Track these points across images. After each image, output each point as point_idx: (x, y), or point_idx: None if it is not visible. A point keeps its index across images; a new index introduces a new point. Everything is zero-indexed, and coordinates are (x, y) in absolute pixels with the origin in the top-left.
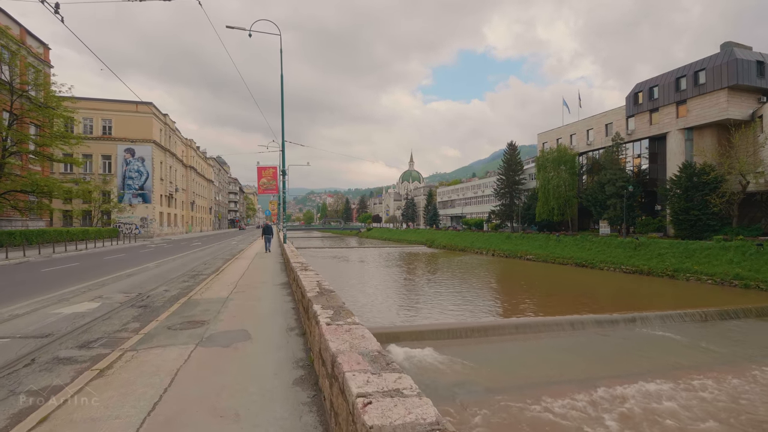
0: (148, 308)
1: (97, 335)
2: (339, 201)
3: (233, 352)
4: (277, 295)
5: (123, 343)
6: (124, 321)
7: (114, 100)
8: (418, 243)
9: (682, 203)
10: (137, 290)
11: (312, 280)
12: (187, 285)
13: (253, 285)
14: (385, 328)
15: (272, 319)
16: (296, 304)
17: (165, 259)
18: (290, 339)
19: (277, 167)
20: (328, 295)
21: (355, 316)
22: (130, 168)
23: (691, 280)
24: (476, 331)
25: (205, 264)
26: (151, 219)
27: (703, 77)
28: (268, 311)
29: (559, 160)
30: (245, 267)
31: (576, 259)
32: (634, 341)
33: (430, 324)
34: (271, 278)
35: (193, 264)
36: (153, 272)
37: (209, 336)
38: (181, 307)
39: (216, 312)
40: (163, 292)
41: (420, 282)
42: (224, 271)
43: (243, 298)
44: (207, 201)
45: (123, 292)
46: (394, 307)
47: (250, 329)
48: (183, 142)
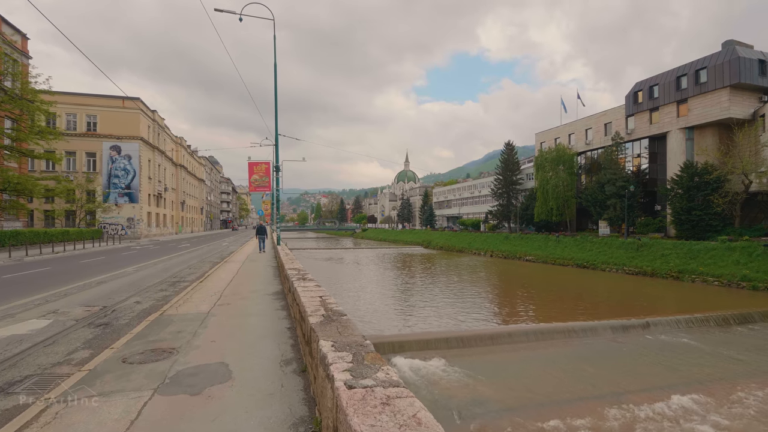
0: (108, 328)
1: (28, 371)
2: (333, 201)
3: (204, 406)
4: (268, 309)
5: (55, 387)
6: (71, 348)
7: (99, 95)
8: (415, 244)
9: (684, 203)
10: (103, 302)
11: (313, 295)
12: (164, 295)
13: (242, 295)
14: (388, 337)
15: (262, 346)
16: (292, 322)
17: (147, 263)
18: (285, 380)
19: (270, 163)
20: (339, 321)
21: (388, 365)
22: (116, 166)
23: (696, 281)
24: (486, 339)
25: (190, 268)
26: (138, 219)
27: (705, 76)
28: (256, 333)
29: (557, 160)
30: (234, 272)
31: (577, 260)
32: (652, 349)
33: (436, 332)
34: (263, 286)
35: (176, 268)
36: (129, 279)
37: (175, 375)
38: (148, 327)
39: (191, 334)
40: (132, 305)
41: (419, 284)
42: (210, 277)
43: (227, 313)
44: (198, 201)
45: (85, 305)
46: (395, 311)
47: (231, 362)
48: (173, 140)
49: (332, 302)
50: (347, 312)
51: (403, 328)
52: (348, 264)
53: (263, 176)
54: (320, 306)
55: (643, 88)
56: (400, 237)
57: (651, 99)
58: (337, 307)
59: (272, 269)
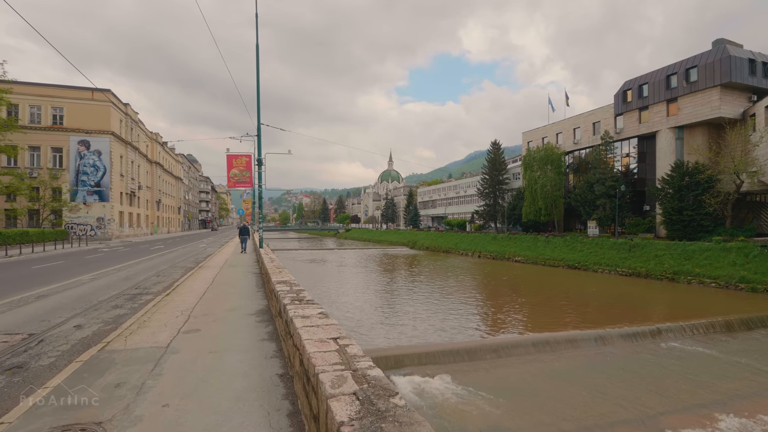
0: (19, 374)
1: None
2: (316, 201)
3: None
4: (252, 340)
5: None
6: None
7: (66, 86)
8: (400, 244)
9: (676, 203)
10: (32, 327)
11: (323, 336)
12: (117, 315)
13: (216, 315)
14: (384, 350)
15: (243, 413)
16: (285, 364)
17: (109, 269)
18: None
19: (252, 156)
20: (392, 414)
21: None
22: (85, 162)
23: (693, 283)
24: (490, 351)
25: (158, 276)
26: (109, 219)
27: (695, 74)
28: (234, 387)
29: (546, 159)
30: (209, 281)
31: (568, 261)
32: (669, 359)
33: (438, 344)
34: (243, 301)
35: (142, 276)
36: (80, 291)
37: None
38: (75, 375)
39: (135, 390)
40: (69, 332)
41: (409, 287)
42: (180, 288)
43: (195, 346)
44: (175, 200)
45: (6, 331)
46: (383, 319)
47: None
48: (148, 136)
49: (358, 353)
50: (335, 316)
51: (399, 337)
52: (334, 265)
53: (244, 171)
54: (342, 365)
55: (632, 87)
56: (384, 237)
57: (640, 98)
58: (372, 369)
59: (254, 277)
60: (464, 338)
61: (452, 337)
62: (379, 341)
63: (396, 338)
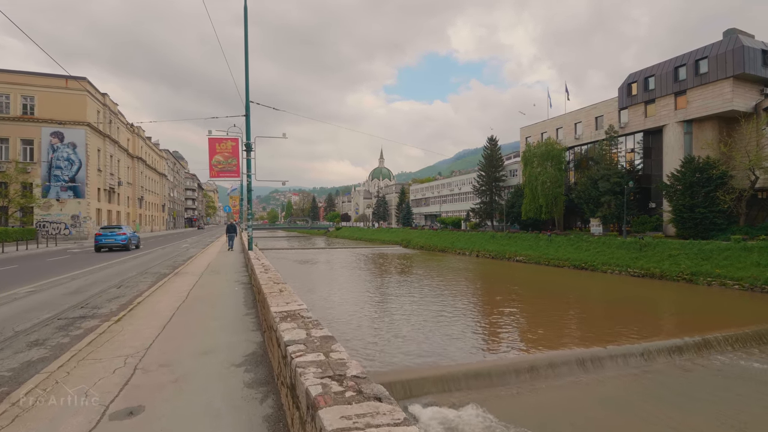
0: None
1: None
2: (305, 199)
3: None
4: None
5: None
6: None
7: (38, 74)
8: (393, 243)
9: (687, 200)
10: None
11: None
12: (25, 362)
13: (179, 367)
14: (400, 372)
15: None
16: None
17: (61, 277)
18: None
19: (239, 140)
20: None
21: None
22: (59, 155)
23: (713, 285)
24: (522, 372)
25: (119, 287)
26: (84, 217)
27: (705, 66)
28: None
29: (547, 155)
30: (183, 295)
31: (573, 261)
32: (733, 379)
33: (461, 364)
34: (225, 334)
35: (99, 287)
36: (2, 311)
37: None
38: None
39: None
40: None
41: (409, 291)
42: (139, 309)
43: None
44: (159, 197)
45: None
46: (388, 330)
47: None
48: (129, 129)
49: None
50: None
51: (413, 355)
52: (328, 265)
53: (229, 157)
54: None
55: (637, 80)
56: (376, 236)
57: (646, 91)
58: None
59: (242, 289)
60: (493, 357)
61: (474, 353)
62: (398, 359)
63: (408, 351)
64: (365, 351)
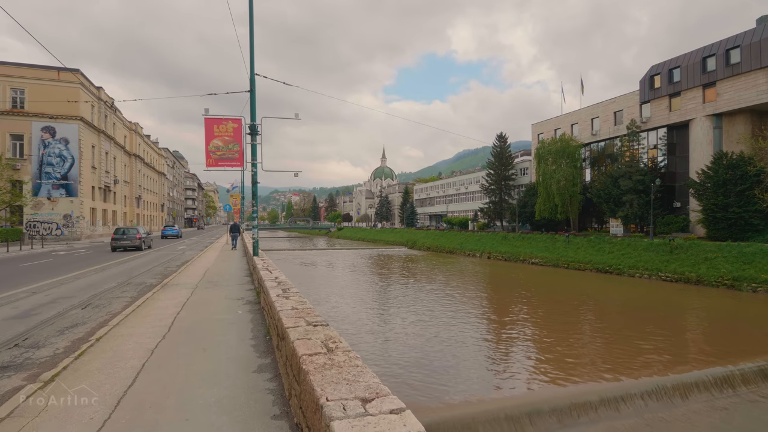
0: None
1: None
2: (306, 199)
3: None
4: None
5: None
6: None
7: (28, 65)
8: (397, 244)
9: (720, 199)
10: None
11: None
12: None
13: None
14: (450, 407)
15: None
16: None
17: (16, 291)
18: None
19: (242, 121)
20: None
21: None
22: (50, 152)
23: (759, 291)
24: (598, 406)
25: (86, 307)
26: (77, 217)
27: (737, 56)
28: None
29: (562, 152)
30: (167, 323)
31: (596, 264)
32: None
33: (517, 397)
34: (225, 416)
35: (57, 308)
36: None
37: None
38: None
39: None
40: None
41: (423, 298)
42: (98, 349)
43: None
44: (158, 197)
45: None
46: (412, 349)
47: None
48: (125, 125)
49: None
50: None
51: (464, 384)
52: (337, 270)
53: (230, 142)
54: None
55: (661, 72)
56: (380, 236)
57: (671, 83)
58: None
59: (247, 312)
60: (551, 390)
61: (529, 383)
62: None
63: (427, 371)
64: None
